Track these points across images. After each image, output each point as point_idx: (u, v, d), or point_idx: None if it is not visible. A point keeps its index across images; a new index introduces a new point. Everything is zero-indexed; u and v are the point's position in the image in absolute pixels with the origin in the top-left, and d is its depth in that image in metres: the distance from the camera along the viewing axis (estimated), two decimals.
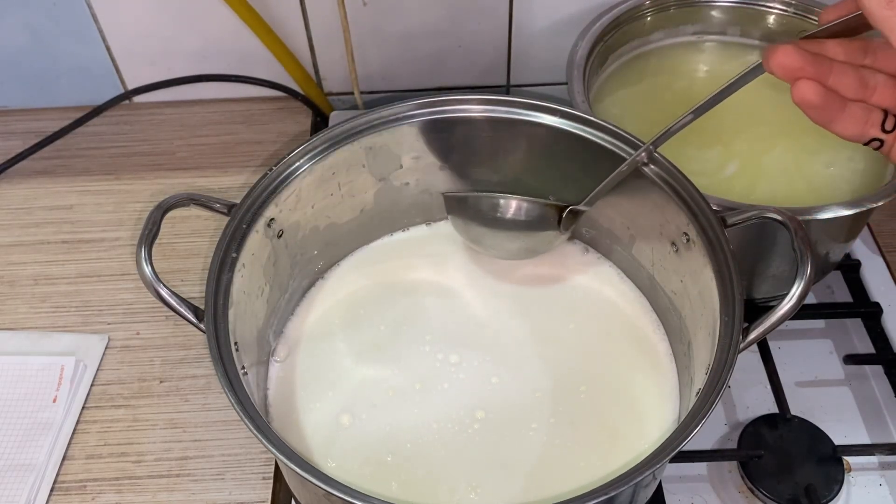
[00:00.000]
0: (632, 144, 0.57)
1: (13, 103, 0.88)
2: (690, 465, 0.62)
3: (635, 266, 0.63)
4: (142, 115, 0.88)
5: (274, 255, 0.58)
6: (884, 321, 0.70)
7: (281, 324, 0.62)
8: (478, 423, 0.56)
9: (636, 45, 0.76)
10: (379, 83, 0.88)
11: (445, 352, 0.60)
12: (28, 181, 0.81)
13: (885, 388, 0.66)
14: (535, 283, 0.65)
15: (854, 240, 0.74)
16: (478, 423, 0.56)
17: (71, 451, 0.62)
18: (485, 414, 0.57)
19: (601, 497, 0.42)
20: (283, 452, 0.44)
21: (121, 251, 0.75)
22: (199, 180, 0.81)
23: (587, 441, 0.55)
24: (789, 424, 0.62)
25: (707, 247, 0.52)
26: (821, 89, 0.43)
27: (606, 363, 0.60)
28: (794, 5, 0.73)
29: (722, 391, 0.46)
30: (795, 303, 0.47)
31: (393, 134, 0.60)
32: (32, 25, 0.82)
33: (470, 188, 0.65)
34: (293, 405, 0.58)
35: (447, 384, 0.58)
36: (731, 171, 0.67)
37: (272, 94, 0.89)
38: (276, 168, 0.56)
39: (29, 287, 0.73)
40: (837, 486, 0.59)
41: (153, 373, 0.67)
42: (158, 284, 0.50)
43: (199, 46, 0.85)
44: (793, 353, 0.69)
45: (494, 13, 0.81)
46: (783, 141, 0.69)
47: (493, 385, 0.58)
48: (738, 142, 0.69)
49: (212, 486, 0.60)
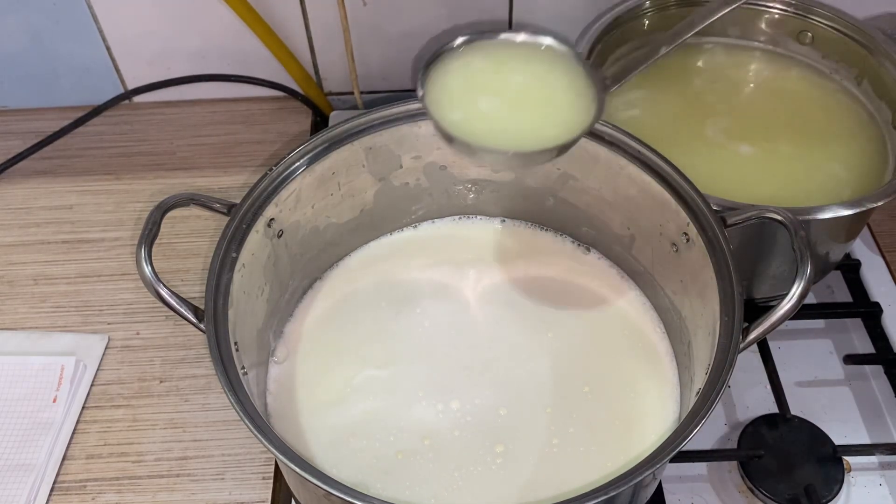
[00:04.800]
0: (631, 145, 0.57)
1: (13, 103, 0.88)
2: (690, 465, 0.62)
3: (635, 266, 0.63)
4: (142, 115, 0.88)
5: (274, 255, 0.58)
6: (884, 321, 0.70)
7: (281, 324, 0.62)
8: (474, 407, 0.56)
9: (636, 45, 0.76)
10: (379, 83, 0.88)
11: (446, 353, 0.60)
12: (28, 181, 0.81)
13: (885, 388, 0.66)
14: (536, 283, 0.65)
15: (854, 240, 0.74)
16: (476, 404, 0.56)
17: (71, 451, 0.62)
18: (481, 402, 0.57)
19: (601, 497, 0.42)
20: (283, 452, 0.44)
21: (121, 251, 0.75)
22: (199, 180, 0.81)
23: (587, 441, 0.55)
24: (789, 424, 0.62)
25: (707, 247, 0.52)
26: None
27: (606, 363, 0.60)
28: (794, 5, 0.73)
29: (722, 391, 0.46)
30: (795, 303, 0.47)
31: (393, 134, 0.60)
32: (32, 25, 0.82)
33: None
34: (293, 405, 0.58)
35: (446, 384, 0.58)
36: (730, 172, 0.67)
37: (272, 94, 0.89)
38: (276, 168, 0.56)
39: (29, 287, 0.73)
40: (837, 486, 0.59)
41: (153, 373, 0.67)
42: (158, 284, 0.50)
43: (199, 46, 0.85)
44: (793, 353, 0.69)
45: (494, 13, 0.81)
46: (783, 140, 0.69)
47: (497, 382, 0.58)
48: (739, 142, 0.69)
49: (212, 486, 0.60)
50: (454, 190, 0.66)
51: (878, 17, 0.79)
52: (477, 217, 0.69)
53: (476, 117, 0.50)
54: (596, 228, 0.65)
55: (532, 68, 0.52)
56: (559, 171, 0.62)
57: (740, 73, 0.76)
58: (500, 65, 0.52)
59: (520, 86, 0.52)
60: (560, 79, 0.52)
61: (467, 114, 0.50)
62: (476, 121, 0.50)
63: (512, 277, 0.65)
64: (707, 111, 0.71)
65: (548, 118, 0.51)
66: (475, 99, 0.51)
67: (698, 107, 0.73)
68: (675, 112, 0.72)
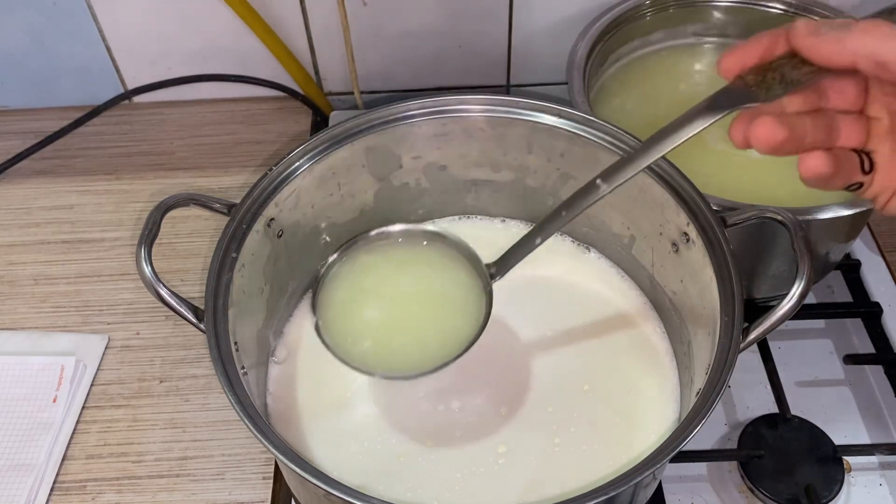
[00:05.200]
0: (631, 145, 0.57)
1: (13, 103, 0.88)
2: (690, 465, 0.62)
3: (635, 266, 0.63)
4: (142, 115, 0.88)
5: (274, 255, 0.58)
6: (884, 321, 0.70)
7: (281, 324, 0.62)
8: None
9: (636, 45, 0.76)
10: (379, 83, 0.88)
11: None
12: (28, 181, 0.81)
13: (885, 388, 0.66)
14: (535, 283, 0.65)
15: (854, 240, 0.74)
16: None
17: (71, 451, 0.62)
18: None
19: (601, 497, 0.43)
20: (283, 452, 0.44)
21: (121, 251, 0.75)
22: (199, 180, 0.81)
23: (587, 441, 0.55)
24: (789, 424, 0.62)
25: (707, 247, 0.52)
26: (830, 156, 0.40)
27: (606, 363, 0.60)
28: (794, 5, 0.73)
29: (722, 391, 0.46)
30: (795, 303, 0.47)
31: (393, 134, 0.60)
32: (32, 25, 0.82)
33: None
34: (293, 406, 0.58)
35: (447, 384, 0.58)
36: (730, 172, 0.67)
37: (272, 94, 0.89)
38: (276, 168, 0.56)
39: (29, 287, 0.73)
40: (837, 486, 0.59)
41: (153, 373, 0.67)
42: (158, 284, 0.50)
43: (199, 46, 0.85)
44: (793, 353, 0.69)
45: (494, 13, 0.81)
46: None
47: (497, 381, 0.58)
48: None
49: (212, 486, 0.60)
50: (454, 190, 0.66)
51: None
52: (477, 217, 0.69)
53: (378, 351, 0.51)
54: (596, 228, 0.65)
55: (417, 270, 0.54)
56: (559, 171, 0.62)
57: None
58: (385, 278, 0.54)
59: (410, 299, 0.53)
60: (448, 281, 0.54)
61: (369, 344, 0.52)
62: (377, 350, 0.51)
63: (512, 277, 0.65)
64: None
65: (443, 330, 0.52)
66: (375, 332, 0.52)
67: None
68: (675, 112, 0.72)
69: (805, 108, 0.41)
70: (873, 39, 0.37)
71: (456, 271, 0.54)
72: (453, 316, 0.52)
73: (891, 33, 0.37)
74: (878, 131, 0.41)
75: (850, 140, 0.41)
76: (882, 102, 0.41)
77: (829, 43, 0.38)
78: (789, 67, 0.40)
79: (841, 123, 0.41)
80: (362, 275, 0.54)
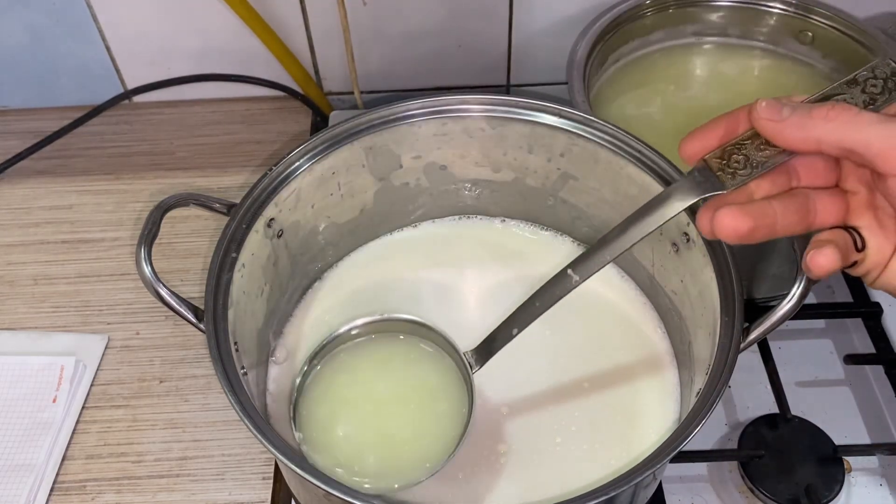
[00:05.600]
0: (631, 145, 0.57)
1: (13, 103, 0.88)
2: (690, 465, 0.62)
3: (635, 266, 0.63)
4: (142, 115, 0.88)
5: (274, 255, 0.58)
6: (884, 321, 0.70)
7: (280, 324, 0.62)
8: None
9: (636, 45, 0.76)
10: (379, 83, 0.88)
11: None
12: (28, 181, 0.81)
13: (886, 388, 0.66)
14: (536, 283, 0.64)
15: None
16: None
17: (71, 451, 0.62)
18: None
19: (601, 497, 0.42)
20: (283, 452, 0.44)
21: (121, 251, 0.75)
22: (198, 180, 0.81)
23: (587, 441, 0.55)
24: (789, 424, 0.62)
25: (707, 247, 0.52)
26: (837, 250, 0.38)
27: (606, 363, 0.60)
28: (794, 5, 0.73)
29: (722, 391, 0.46)
30: (796, 303, 0.47)
31: (393, 134, 0.60)
32: (32, 25, 0.82)
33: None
34: None
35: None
36: None
37: (272, 94, 0.89)
38: (276, 168, 0.56)
39: (29, 287, 0.73)
40: (837, 486, 0.59)
41: (153, 373, 0.67)
42: (158, 284, 0.50)
43: (199, 46, 0.85)
44: (793, 353, 0.69)
45: (494, 13, 0.81)
46: None
47: (498, 381, 0.58)
48: None
49: (212, 486, 0.60)
50: (454, 190, 0.66)
51: (878, 17, 0.79)
52: (477, 217, 0.69)
53: (365, 472, 0.51)
54: (596, 228, 0.65)
55: (397, 374, 0.55)
56: (559, 171, 0.62)
57: (740, 73, 0.76)
58: (365, 385, 0.54)
59: (391, 409, 0.53)
60: (429, 379, 0.54)
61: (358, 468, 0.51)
62: (364, 471, 0.51)
63: (512, 277, 0.65)
64: (707, 111, 0.71)
65: (429, 434, 0.52)
66: (354, 446, 0.52)
67: (698, 107, 0.73)
68: (675, 112, 0.72)
69: (775, 191, 0.40)
70: (837, 126, 0.36)
71: (435, 366, 0.54)
72: (437, 423, 0.52)
73: (855, 119, 0.36)
74: (855, 205, 0.40)
75: (829, 217, 0.40)
76: (856, 175, 0.40)
77: (792, 129, 0.37)
78: (753, 148, 0.39)
79: (816, 201, 0.40)
80: (341, 385, 0.54)
